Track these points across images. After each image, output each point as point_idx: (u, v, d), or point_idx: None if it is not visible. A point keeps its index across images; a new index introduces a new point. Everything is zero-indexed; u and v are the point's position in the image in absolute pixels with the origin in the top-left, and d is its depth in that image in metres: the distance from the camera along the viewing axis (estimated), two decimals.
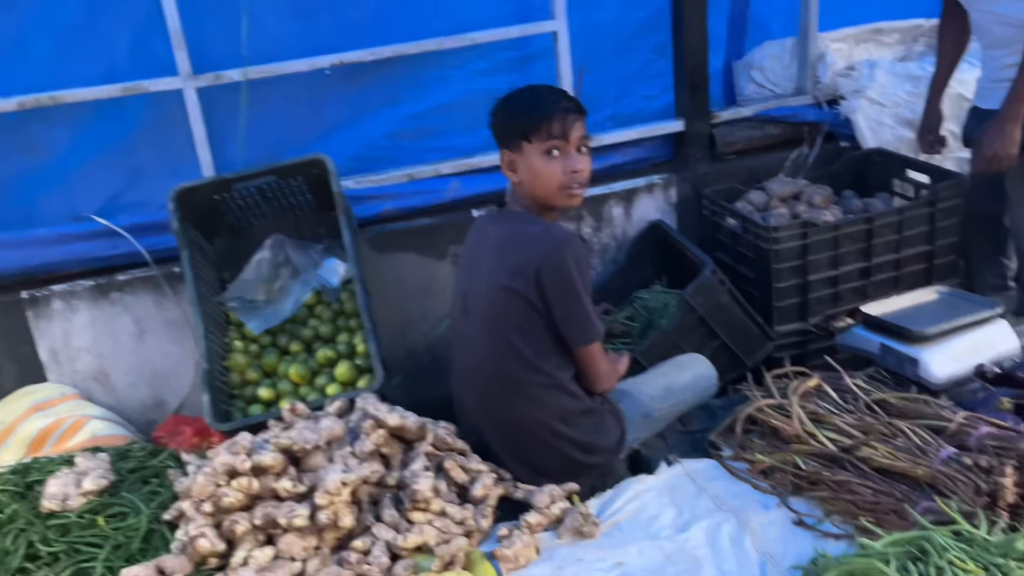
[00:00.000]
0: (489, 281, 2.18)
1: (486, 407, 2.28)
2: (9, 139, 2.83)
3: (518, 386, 2.19)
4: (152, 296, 2.95)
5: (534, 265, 2.08)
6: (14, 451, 2.68)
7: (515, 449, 2.25)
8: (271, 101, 3.01)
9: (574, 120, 2.11)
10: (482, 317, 2.22)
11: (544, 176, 2.11)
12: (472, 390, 2.32)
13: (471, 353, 2.29)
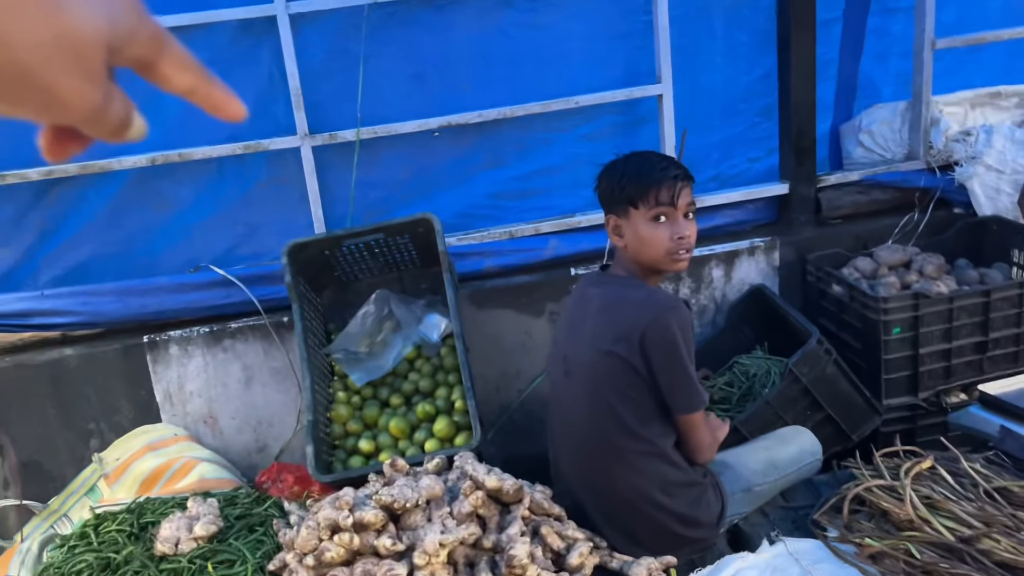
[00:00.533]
0: (592, 345, 2.17)
1: (584, 472, 2.27)
2: (140, 193, 3.02)
3: (618, 453, 2.17)
4: (261, 344, 3.06)
5: (639, 331, 2.07)
6: (127, 488, 2.81)
7: (612, 517, 2.23)
8: (380, 160, 3.13)
9: (682, 187, 2.11)
10: (583, 381, 2.21)
11: (651, 242, 2.11)
12: (570, 454, 2.31)
13: (570, 416, 2.28)
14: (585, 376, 2.21)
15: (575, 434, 2.26)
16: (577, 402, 2.23)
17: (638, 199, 2.11)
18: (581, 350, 2.22)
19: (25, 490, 2.98)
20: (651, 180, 2.10)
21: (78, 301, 2.96)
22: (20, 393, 2.96)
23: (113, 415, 3.03)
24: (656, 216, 2.10)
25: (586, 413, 2.21)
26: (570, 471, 2.31)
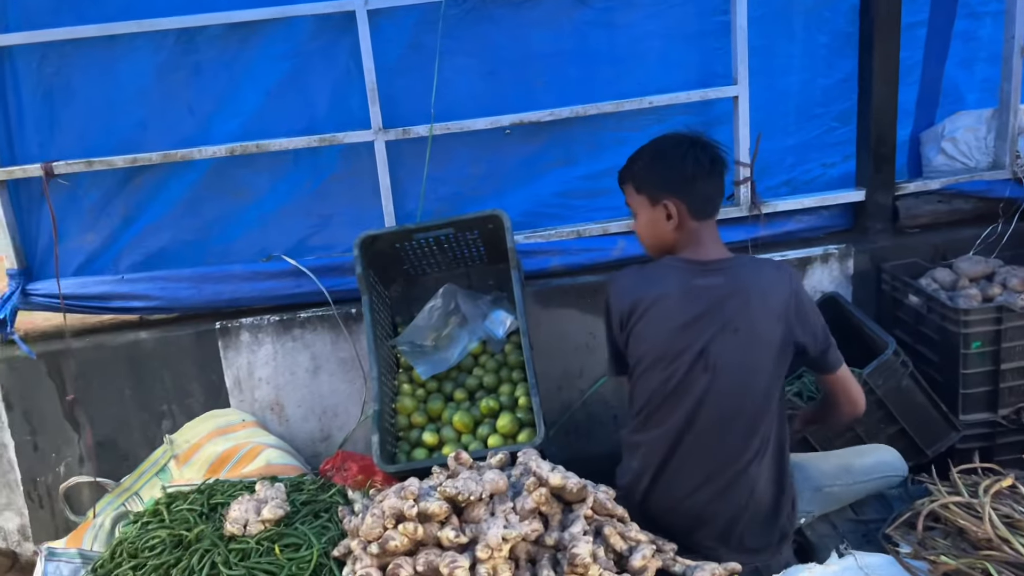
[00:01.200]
0: (752, 334, 2.06)
1: (727, 471, 2.11)
2: (217, 182, 3.10)
3: (764, 443, 2.10)
4: (329, 334, 3.11)
5: (791, 305, 2.05)
6: (196, 470, 2.88)
7: (738, 520, 2.13)
8: (451, 156, 3.15)
9: (624, 186, 2.28)
10: (745, 371, 2.07)
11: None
12: (714, 453, 2.13)
13: (717, 409, 2.09)
14: (748, 365, 2.07)
15: (721, 426, 2.10)
16: (731, 391, 2.08)
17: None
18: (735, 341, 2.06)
19: (99, 467, 3.08)
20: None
21: (156, 286, 3.05)
22: (98, 373, 3.06)
23: (185, 398, 3.11)
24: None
25: (754, 411, 2.08)
26: (706, 472, 2.14)
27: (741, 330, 2.05)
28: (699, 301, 2.07)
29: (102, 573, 2.19)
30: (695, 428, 2.09)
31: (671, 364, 2.09)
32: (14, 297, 3.00)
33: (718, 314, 2.05)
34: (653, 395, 2.13)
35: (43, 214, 3.04)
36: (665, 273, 2.15)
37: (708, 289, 2.08)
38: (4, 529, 3.14)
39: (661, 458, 2.15)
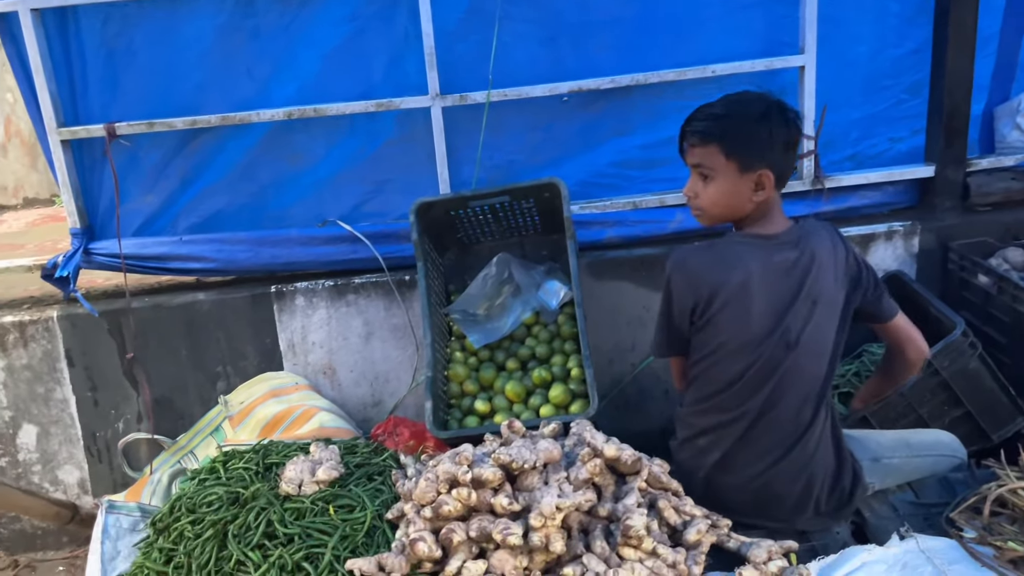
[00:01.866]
0: (825, 303, 2.02)
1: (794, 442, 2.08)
2: (274, 146, 3.11)
3: (828, 411, 2.10)
4: (383, 301, 3.12)
5: (850, 263, 2.05)
6: (250, 431, 2.92)
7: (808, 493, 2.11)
8: (507, 124, 3.11)
9: (689, 145, 2.09)
10: (820, 341, 2.03)
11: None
12: (788, 428, 2.09)
13: (795, 385, 2.04)
14: (824, 338, 2.03)
15: (804, 404, 2.06)
16: (811, 368, 2.04)
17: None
18: (813, 315, 2.01)
19: (156, 425, 3.14)
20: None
21: (213, 248, 3.08)
22: (156, 333, 3.12)
23: (239, 360, 3.15)
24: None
25: (823, 377, 2.06)
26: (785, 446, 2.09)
27: (818, 301, 2.01)
28: (781, 279, 2.01)
29: (161, 527, 2.23)
30: (776, 406, 2.05)
31: (756, 348, 2.02)
32: (77, 256, 3.06)
33: (799, 289, 2.00)
34: (733, 381, 2.06)
35: (105, 175, 3.08)
36: (740, 253, 2.03)
37: (786, 265, 2.01)
38: (64, 482, 3.23)
39: (736, 438, 2.10)
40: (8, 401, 3.14)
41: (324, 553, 1.98)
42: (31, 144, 6.71)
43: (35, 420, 3.17)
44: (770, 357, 2.02)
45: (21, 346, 3.10)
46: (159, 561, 2.14)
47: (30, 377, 3.12)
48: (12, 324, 3.09)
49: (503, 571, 1.93)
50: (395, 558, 1.98)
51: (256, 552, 2.01)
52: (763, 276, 2.00)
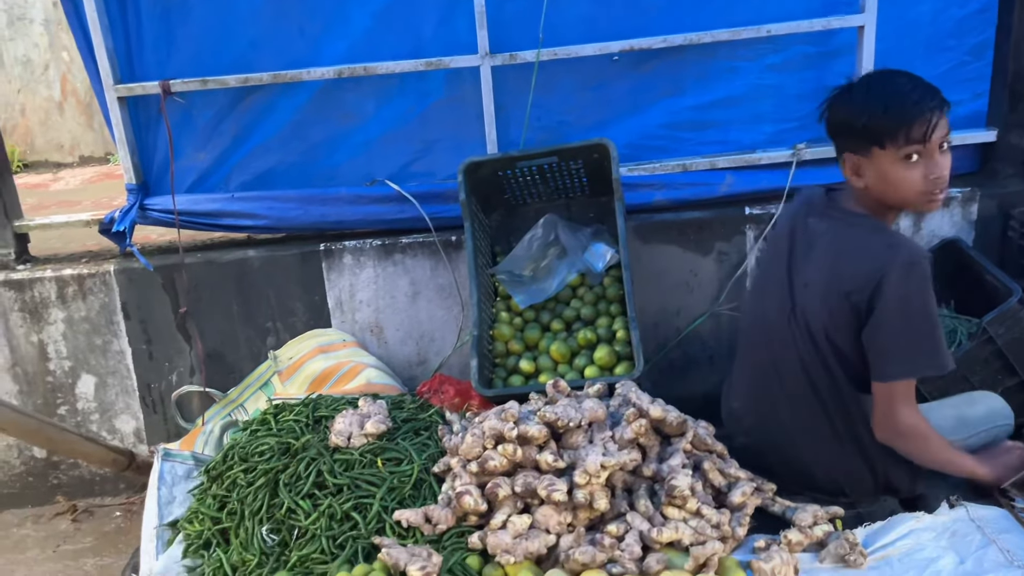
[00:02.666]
0: (825, 289, 1.99)
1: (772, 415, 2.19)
2: (325, 105, 3.12)
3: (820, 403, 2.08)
4: (429, 261, 3.14)
5: (875, 280, 1.87)
6: (299, 385, 2.98)
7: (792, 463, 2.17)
8: (557, 83, 3.08)
9: (938, 119, 1.84)
10: (807, 324, 2.03)
11: (901, 185, 1.89)
12: (761, 393, 2.21)
13: (781, 356, 2.11)
14: (811, 319, 2.02)
15: (779, 377, 2.12)
16: (793, 344, 2.06)
17: (885, 138, 1.85)
18: (811, 294, 2.02)
19: (208, 378, 3.22)
20: (901, 116, 1.83)
21: (264, 205, 3.12)
22: (208, 288, 3.18)
23: (288, 316, 3.21)
24: (907, 156, 1.86)
25: (801, 360, 2.05)
26: (753, 410, 2.24)
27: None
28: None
29: (215, 474, 2.30)
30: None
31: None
32: (132, 211, 3.12)
33: None
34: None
35: (159, 132, 3.13)
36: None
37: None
38: (121, 431, 3.34)
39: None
40: (68, 352, 3.24)
41: (372, 503, 2.02)
42: (87, 103, 6.83)
43: (93, 371, 3.27)
44: (760, 309, 2.22)
45: (80, 299, 3.19)
46: (213, 507, 2.21)
47: (88, 329, 3.22)
48: (71, 277, 3.17)
49: (547, 526, 1.96)
50: (441, 510, 2.02)
51: (306, 501, 2.06)
52: (791, 230, 2.15)
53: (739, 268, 3.11)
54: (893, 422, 1.97)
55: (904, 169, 1.87)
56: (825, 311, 1.99)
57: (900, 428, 1.97)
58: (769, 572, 1.84)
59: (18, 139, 6.89)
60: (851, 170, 1.97)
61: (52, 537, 3.20)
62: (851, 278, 1.92)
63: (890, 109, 1.84)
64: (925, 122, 1.82)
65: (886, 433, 2.00)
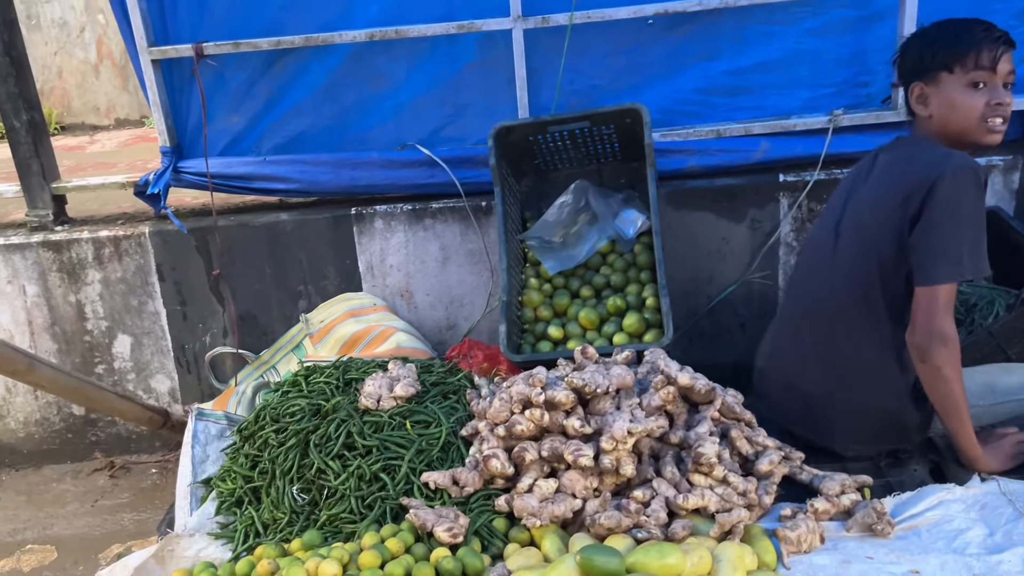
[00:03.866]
0: (875, 206, 2.07)
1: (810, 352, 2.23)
2: (356, 68, 3.11)
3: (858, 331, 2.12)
4: (459, 226, 3.14)
5: (926, 185, 1.92)
6: (329, 348, 3.01)
7: (825, 408, 2.19)
8: (589, 47, 3.04)
9: (1004, 51, 1.97)
10: (852, 245, 2.12)
11: (964, 108, 1.99)
12: (802, 335, 2.26)
13: (824, 290, 2.18)
14: (857, 239, 2.10)
15: (810, 322, 2.22)
16: (832, 274, 2.15)
17: (953, 62, 1.98)
18: (860, 212, 2.12)
19: (240, 340, 3.27)
20: (970, 41, 1.97)
21: (296, 169, 3.13)
22: (242, 251, 3.21)
23: (320, 280, 3.24)
24: (973, 82, 1.97)
25: (849, 289, 2.11)
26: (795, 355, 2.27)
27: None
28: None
29: (247, 434, 2.34)
30: None
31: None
32: (167, 174, 3.15)
33: None
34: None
35: (193, 94, 3.14)
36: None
37: None
38: (156, 391, 3.40)
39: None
40: (104, 312, 3.31)
41: (401, 465, 2.05)
42: (122, 66, 6.89)
43: (129, 331, 3.33)
44: (811, 252, 2.33)
45: (116, 260, 3.24)
46: (245, 466, 2.25)
47: (124, 290, 3.27)
48: (107, 239, 3.22)
49: (573, 490, 1.97)
50: (469, 473, 2.04)
51: (336, 461, 2.09)
52: (857, 169, 2.28)
53: (772, 236, 3.08)
54: (932, 327, 1.94)
55: (969, 95, 1.98)
56: (875, 222, 2.05)
57: (937, 332, 1.93)
58: (795, 540, 1.84)
59: (55, 101, 6.98)
60: (918, 100, 2.07)
61: (91, 492, 3.29)
62: (906, 185, 1.98)
63: (961, 36, 1.99)
64: (993, 50, 1.96)
65: (923, 339, 1.95)
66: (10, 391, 3.41)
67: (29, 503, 3.26)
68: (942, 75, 2.00)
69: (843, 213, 2.18)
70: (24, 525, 3.11)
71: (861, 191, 2.15)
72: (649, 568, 1.64)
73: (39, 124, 3.30)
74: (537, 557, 1.84)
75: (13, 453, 3.50)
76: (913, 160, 2.02)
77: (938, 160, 1.94)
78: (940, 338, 1.93)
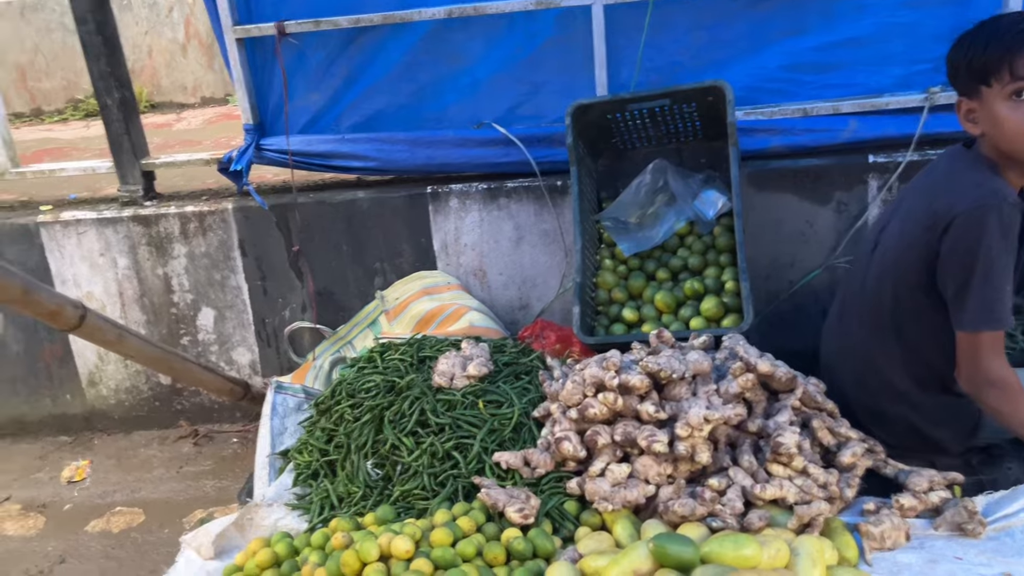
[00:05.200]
0: (904, 222, 1.98)
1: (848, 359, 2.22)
2: (433, 46, 3.10)
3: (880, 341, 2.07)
4: (533, 205, 3.12)
5: (947, 219, 1.80)
6: (404, 325, 3.04)
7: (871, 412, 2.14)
8: (671, 22, 2.96)
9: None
10: (881, 258, 2.05)
11: (1008, 125, 1.75)
12: (842, 336, 2.24)
13: (855, 296, 2.17)
14: (885, 253, 2.04)
15: (854, 314, 2.18)
16: (866, 281, 2.11)
17: (990, 74, 1.75)
18: (899, 225, 2.02)
19: (318, 315, 3.33)
20: (1003, 47, 1.72)
21: (373, 147, 3.16)
22: (320, 228, 3.26)
23: (396, 258, 3.26)
24: (1015, 92, 1.73)
25: (872, 294, 2.08)
26: (838, 355, 2.24)
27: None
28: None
29: (323, 408, 2.38)
30: None
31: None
32: (249, 151, 3.22)
33: None
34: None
35: (275, 73, 3.19)
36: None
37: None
38: (238, 363, 3.50)
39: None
40: (190, 285, 3.41)
41: (473, 444, 2.06)
42: (208, 44, 7.06)
43: (213, 304, 3.43)
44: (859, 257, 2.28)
45: (201, 235, 3.33)
46: (321, 439, 2.30)
47: (208, 264, 3.37)
48: (193, 214, 3.32)
49: (646, 476, 1.94)
50: (540, 455, 2.03)
51: (409, 438, 2.11)
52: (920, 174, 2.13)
53: (859, 219, 2.96)
54: (977, 373, 1.85)
55: (1012, 108, 1.75)
56: (903, 244, 1.96)
57: (984, 378, 1.84)
58: (878, 536, 1.77)
59: (145, 80, 7.20)
60: (966, 117, 1.88)
61: (175, 459, 3.42)
62: (931, 212, 1.85)
63: (991, 44, 1.75)
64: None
65: (970, 385, 1.89)
66: (102, 359, 3.56)
67: (119, 467, 3.40)
68: (982, 89, 1.79)
69: (891, 219, 2.07)
70: (114, 488, 3.25)
71: (910, 200, 2.01)
72: (724, 559, 1.60)
73: (130, 103, 3.40)
74: (608, 542, 1.83)
75: (105, 418, 3.66)
76: (948, 183, 1.86)
77: (962, 192, 1.79)
78: (987, 383, 1.84)
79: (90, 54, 3.27)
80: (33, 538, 2.99)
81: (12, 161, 3.56)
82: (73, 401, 3.65)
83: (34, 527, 3.06)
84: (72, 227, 3.40)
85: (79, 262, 3.44)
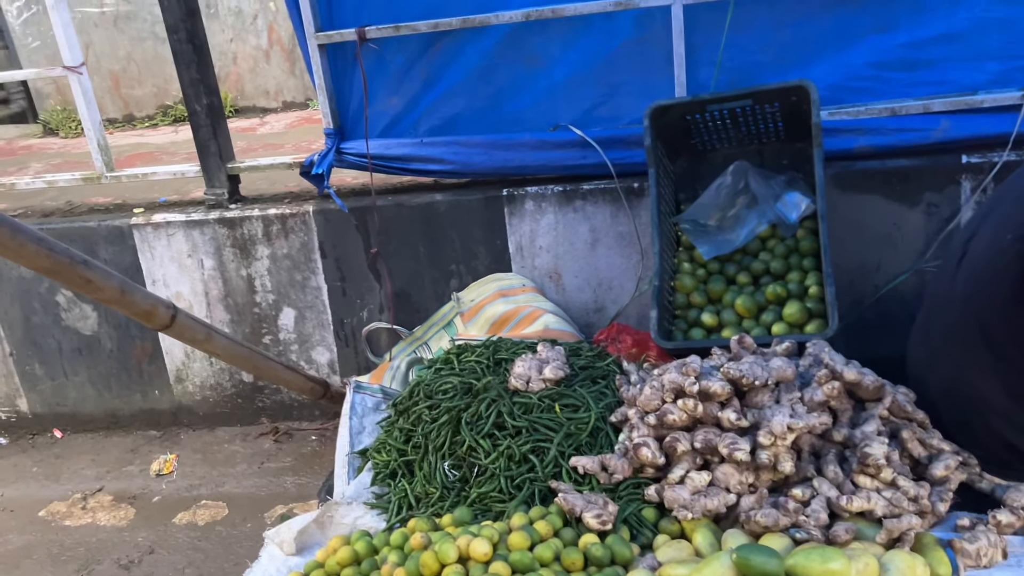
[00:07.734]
0: (994, 231, 1.86)
1: (936, 374, 2.09)
2: (511, 50, 3.11)
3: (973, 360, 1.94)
4: (609, 207, 3.10)
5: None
6: (479, 327, 3.05)
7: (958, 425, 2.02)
8: (753, 20, 2.90)
9: None
10: (971, 270, 1.94)
11: None
12: (928, 351, 2.13)
13: (943, 310, 2.06)
14: (974, 262, 1.92)
15: (939, 325, 2.08)
16: (953, 292, 1.99)
17: None
18: (984, 232, 1.92)
19: (395, 316, 3.37)
20: None
21: (450, 150, 3.18)
22: (398, 230, 3.31)
23: (471, 260, 3.28)
24: None
25: (959, 307, 1.96)
26: (926, 364, 2.13)
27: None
28: None
29: (401, 409, 2.41)
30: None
31: None
32: (330, 155, 3.29)
33: None
34: None
35: (355, 77, 3.25)
36: None
37: None
38: (317, 362, 3.58)
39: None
40: (272, 286, 3.50)
41: (550, 448, 2.05)
42: (289, 50, 7.25)
43: (293, 304, 3.51)
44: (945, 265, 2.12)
45: (283, 237, 3.42)
46: (399, 440, 2.32)
47: (290, 265, 3.45)
48: (275, 216, 3.40)
49: (727, 484, 1.90)
50: (618, 460, 2.01)
51: (486, 440, 2.12)
52: (1009, 180, 2.02)
53: (951, 222, 2.84)
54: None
55: None
56: (991, 252, 1.85)
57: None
58: (973, 553, 1.70)
59: (230, 86, 7.44)
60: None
61: (257, 455, 3.51)
62: (1018, 220, 1.76)
63: None
64: None
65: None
66: (189, 357, 3.68)
67: (204, 461, 3.52)
68: None
69: (980, 226, 1.95)
70: (199, 482, 3.36)
71: (1004, 206, 1.90)
72: (811, 572, 1.56)
73: (217, 108, 3.51)
74: (688, 551, 1.80)
75: (191, 414, 3.79)
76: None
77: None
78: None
79: (181, 62, 3.38)
80: (124, 528, 3.12)
81: (107, 165, 3.71)
82: (161, 397, 3.78)
83: (125, 518, 3.19)
84: (162, 229, 3.53)
85: (168, 263, 3.57)
